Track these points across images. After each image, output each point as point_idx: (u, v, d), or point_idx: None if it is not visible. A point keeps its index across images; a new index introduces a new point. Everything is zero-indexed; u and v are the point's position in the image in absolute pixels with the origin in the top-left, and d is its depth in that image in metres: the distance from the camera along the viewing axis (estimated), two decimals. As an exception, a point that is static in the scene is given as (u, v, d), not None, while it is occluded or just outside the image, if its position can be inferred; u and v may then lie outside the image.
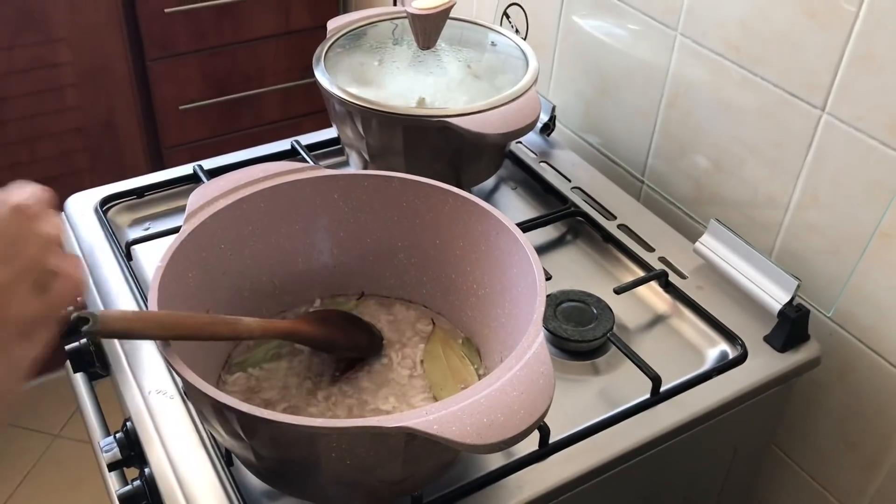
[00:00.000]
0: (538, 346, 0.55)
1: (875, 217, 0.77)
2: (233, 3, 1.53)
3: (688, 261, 0.86)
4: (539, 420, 0.51)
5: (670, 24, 0.92)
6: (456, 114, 0.82)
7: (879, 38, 0.72)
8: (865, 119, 0.75)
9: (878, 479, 0.85)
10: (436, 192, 0.70)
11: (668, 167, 0.99)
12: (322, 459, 0.53)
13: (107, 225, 0.87)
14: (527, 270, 0.63)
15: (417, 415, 0.50)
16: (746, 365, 0.75)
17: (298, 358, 0.70)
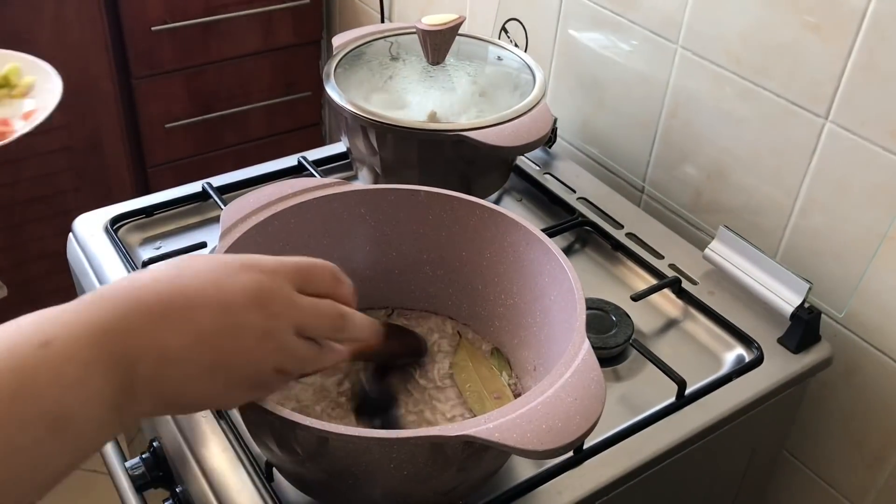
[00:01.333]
0: (586, 353, 0.56)
1: (880, 221, 0.79)
2: (218, 21, 1.53)
3: (697, 267, 0.88)
4: (594, 425, 0.52)
5: (670, 37, 0.95)
6: (471, 127, 0.83)
7: (883, 49, 0.75)
8: (869, 126, 0.78)
9: (883, 476, 0.88)
10: (462, 204, 0.71)
11: (668, 176, 1.02)
12: (379, 471, 0.53)
13: (119, 244, 0.87)
14: (560, 279, 0.64)
15: (477, 423, 0.51)
16: (764, 367, 0.77)
17: (329, 370, 0.70)
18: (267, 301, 0.45)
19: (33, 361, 0.38)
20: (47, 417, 0.38)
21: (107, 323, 0.41)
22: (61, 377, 0.38)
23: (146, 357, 0.42)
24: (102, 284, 0.84)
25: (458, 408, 0.68)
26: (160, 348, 0.42)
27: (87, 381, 0.39)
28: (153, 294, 0.43)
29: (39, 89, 0.96)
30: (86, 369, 0.39)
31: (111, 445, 0.80)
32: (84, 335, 0.40)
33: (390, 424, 0.66)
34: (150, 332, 0.42)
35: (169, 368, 0.43)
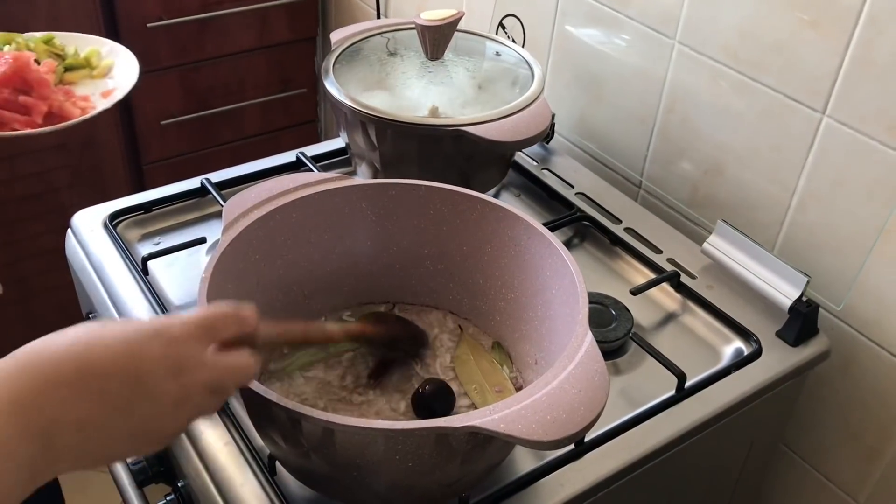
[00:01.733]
0: (589, 345, 0.56)
1: (878, 215, 0.80)
2: (214, 18, 1.52)
3: (695, 261, 0.89)
4: (598, 415, 0.52)
5: (668, 32, 0.95)
6: (470, 122, 0.83)
7: (880, 44, 0.76)
8: (867, 121, 0.79)
9: (879, 468, 0.88)
10: (463, 199, 0.71)
11: (665, 171, 1.02)
12: (384, 462, 0.53)
13: (118, 240, 0.87)
14: (562, 273, 0.65)
15: (482, 414, 0.51)
16: (762, 360, 0.78)
17: (331, 364, 0.70)
18: (180, 369, 0.47)
19: None
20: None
21: (24, 398, 0.42)
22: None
23: (65, 428, 0.43)
24: (102, 280, 0.84)
25: (461, 398, 0.68)
26: (78, 420, 0.43)
27: (6, 454, 0.40)
28: (69, 365, 0.44)
29: (118, 70, 1.02)
30: (5, 443, 0.40)
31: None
32: (2, 409, 0.41)
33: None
34: (67, 405, 0.43)
35: (89, 436, 0.44)
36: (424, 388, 0.66)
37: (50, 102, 0.91)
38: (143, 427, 0.46)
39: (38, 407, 0.42)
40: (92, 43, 1.05)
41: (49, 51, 1.00)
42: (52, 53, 1.01)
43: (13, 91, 0.90)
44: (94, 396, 0.44)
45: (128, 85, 0.99)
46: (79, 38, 1.05)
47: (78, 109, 0.94)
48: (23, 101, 0.90)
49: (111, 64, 1.03)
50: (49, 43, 1.01)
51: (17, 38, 0.99)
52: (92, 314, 0.87)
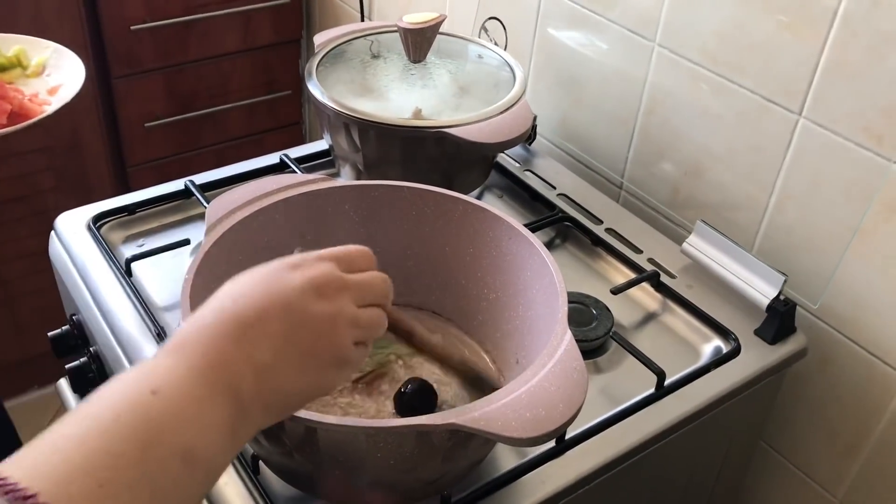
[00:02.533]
0: (568, 343, 0.57)
1: (853, 215, 0.81)
2: (198, 20, 1.52)
3: (675, 261, 0.90)
4: (577, 412, 0.53)
5: (648, 35, 0.96)
6: (453, 124, 0.84)
7: (854, 46, 0.77)
8: (842, 122, 0.80)
9: (857, 464, 0.90)
10: (446, 200, 0.72)
11: (646, 172, 1.03)
12: (366, 460, 0.54)
13: (102, 242, 0.87)
14: (543, 272, 0.66)
15: (462, 412, 0.52)
16: (741, 358, 0.79)
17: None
18: (322, 288, 0.50)
19: (154, 408, 0.41)
20: (179, 455, 0.40)
21: (202, 361, 0.44)
22: (181, 417, 0.42)
23: (245, 377, 0.45)
24: (86, 282, 0.84)
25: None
26: (253, 365, 0.46)
27: (204, 415, 0.43)
28: (229, 323, 0.46)
29: (54, 66, 1.00)
30: (200, 405, 0.43)
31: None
32: (187, 378, 0.43)
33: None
34: (239, 356, 0.46)
35: (266, 378, 0.46)
36: (406, 387, 0.67)
37: (10, 101, 0.91)
38: (311, 352, 0.48)
39: (217, 365, 0.44)
40: (15, 42, 1.03)
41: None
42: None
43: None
44: (258, 340, 0.46)
45: (77, 79, 0.98)
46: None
47: (37, 107, 0.93)
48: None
49: (44, 61, 1.02)
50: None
51: None
52: (75, 316, 0.88)
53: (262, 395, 0.46)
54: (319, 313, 0.49)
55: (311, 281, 0.49)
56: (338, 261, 0.52)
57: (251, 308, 0.47)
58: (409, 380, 0.68)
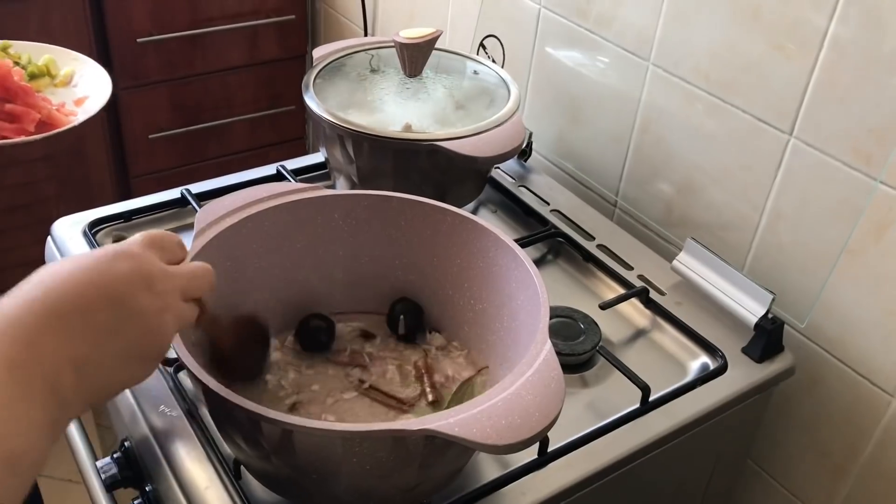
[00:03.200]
0: (547, 353, 0.57)
1: (841, 234, 0.82)
2: (203, 34, 1.55)
3: (665, 278, 0.90)
4: (553, 422, 0.53)
5: (642, 54, 0.97)
6: (445, 138, 0.85)
7: (842, 68, 0.78)
8: (831, 142, 0.81)
9: (846, 485, 0.90)
10: (434, 210, 0.73)
11: (640, 190, 1.04)
12: (343, 465, 0.54)
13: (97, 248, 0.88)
14: (527, 283, 0.66)
15: (439, 418, 0.52)
16: (727, 375, 0.79)
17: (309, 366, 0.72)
18: (150, 280, 0.48)
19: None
20: (1, 462, 0.39)
21: (17, 355, 0.42)
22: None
23: (63, 370, 0.43)
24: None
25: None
26: (72, 358, 0.44)
27: (21, 415, 0.41)
28: (44, 315, 0.43)
29: (81, 78, 1.02)
30: (17, 407, 0.40)
31: (83, 445, 0.81)
32: (1, 375, 0.41)
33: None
34: (58, 348, 0.43)
35: (88, 371, 0.44)
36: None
37: (39, 110, 0.92)
38: (137, 346, 0.47)
39: (32, 360, 0.42)
40: (45, 51, 1.04)
41: (9, 58, 1.00)
42: (12, 61, 1.00)
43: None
44: (79, 331, 0.44)
45: (103, 92, 0.99)
46: (30, 45, 1.05)
47: (64, 117, 0.94)
48: (10, 109, 0.90)
49: (71, 72, 1.03)
50: (5, 50, 1.01)
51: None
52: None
53: (83, 390, 0.44)
54: (149, 308, 0.47)
55: (141, 272, 0.47)
56: (156, 246, 0.51)
57: (71, 298, 0.44)
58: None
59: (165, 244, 0.52)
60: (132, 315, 0.46)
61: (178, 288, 0.51)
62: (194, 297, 0.53)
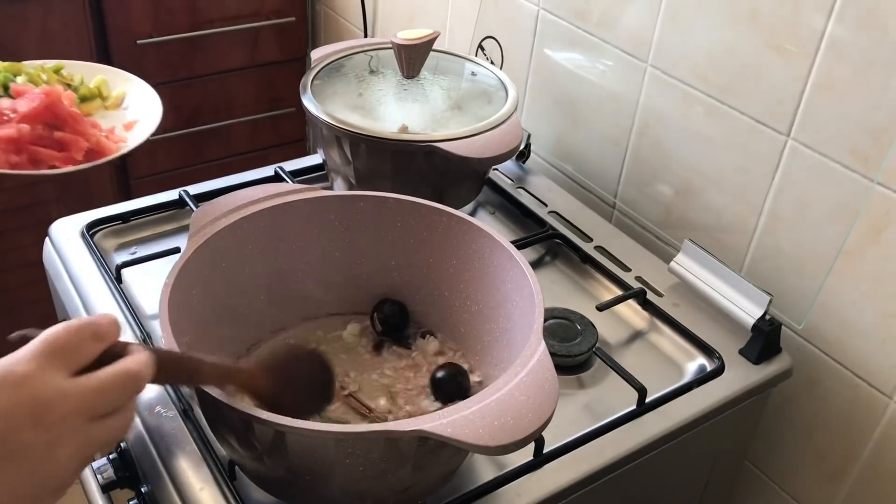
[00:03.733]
0: (541, 354, 0.57)
1: (839, 236, 0.81)
2: (203, 36, 1.55)
3: (663, 279, 0.90)
4: (546, 423, 0.53)
5: (641, 56, 0.97)
6: (442, 139, 0.85)
7: (840, 70, 0.78)
8: (829, 144, 0.80)
9: (845, 488, 0.89)
10: (430, 211, 0.73)
11: (638, 192, 1.04)
12: (336, 466, 0.54)
13: (94, 249, 0.88)
14: (522, 284, 0.66)
15: (431, 419, 0.52)
16: (724, 377, 0.79)
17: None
18: (39, 410, 0.41)
19: None
20: None
21: None
22: None
23: None
24: (76, 288, 0.85)
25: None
26: None
27: None
28: None
29: (132, 100, 0.97)
30: None
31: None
32: None
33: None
34: None
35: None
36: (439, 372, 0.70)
37: (88, 138, 0.85)
38: (23, 487, 0.41)
39: None
40: (98, 72, 0.99)
41: (60, 81, 0.94)
42: (63, 84, 0.94)
43: (46, 126, 0.83)
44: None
45: (153, 117, 0.93)
46: (83, 66, 0.99)
47: (113, 144, 0.87)
48: (59, 137, 0.83)
49: (123, 94, 0.97)
50: (58, 72, 0.95)
51: (26, 69, 0.92)
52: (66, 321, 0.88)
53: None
54: (34, 444, 0.40)
55: (26, 403, 0.40)
56: (56, 356, 0.42)
57: None
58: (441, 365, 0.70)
59: (69, 349, 0.43)
60: (13, 455, 0.40)
61: (80, 410, 0.42)
62: (111, 414, 0.44)
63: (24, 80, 0.88)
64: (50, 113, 0.83)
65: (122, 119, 0.93)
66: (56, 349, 0.43)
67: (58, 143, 0.83)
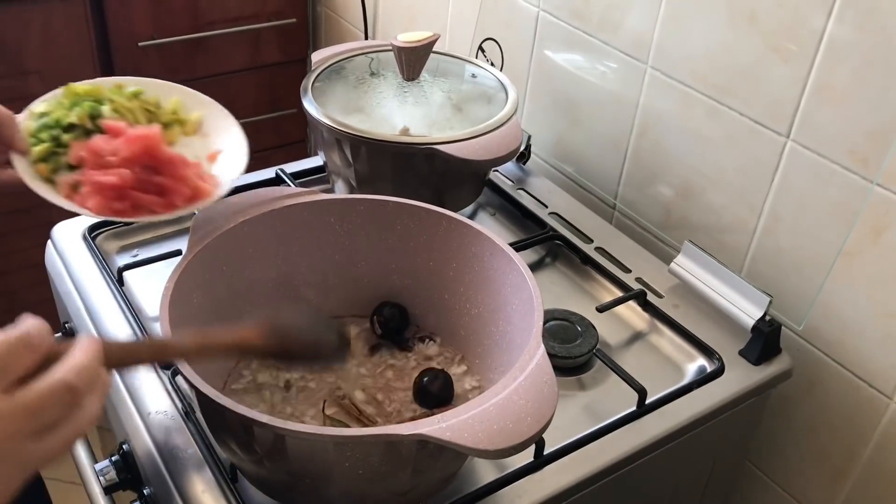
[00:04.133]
0: (540, 358, 0.57)
1: (838, 237, 0.82)
2: (205, 38, 1.55)
3: (663, 281, 0.90)
4: (545, 426, 0.54)
5: (640, 57, 0.97)
6: (442, 141, 0.85)
7: (839, 71, 0.78)
8: (828, 145, 0.80)
9: (846, 488, 0.89)
10: (429, 215, 0.73)
11: (638, 194, 1.04)
12: (335, 469, 0.55)
13: (96, 252, 0.88)
14: (521, 287, 0.66)
15: (431, 423, 0.52)
16: (724, 377, 0.79)
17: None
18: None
19: None
20: None
21: None
22: None
23: None
24: (78, 291, 0.86)
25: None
26: None
27: None
28: None
29: (208, 124, 0.84)
30: None
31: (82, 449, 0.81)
32: None
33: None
34: None
35: None
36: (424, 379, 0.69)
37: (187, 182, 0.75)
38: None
39: None
40: (170, 91, 0.85)
41: (142, 106, 0.81)
42: (145, 110, 0.81)
43: (144, 169, 0.75)
44: None
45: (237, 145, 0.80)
46: (156, 85, 0.85)
47: (210, 187, 0.76)
48: (159, 182, 0.75)
49: (200, 118, 0.84)
50: (138, 97, 0.82)
51: (106, 94, 0.79)
52: (68, 324, 0.89)
53: None
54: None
55: None
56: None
57: None
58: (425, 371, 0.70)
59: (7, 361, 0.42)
60: None
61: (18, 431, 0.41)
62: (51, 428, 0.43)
63: (109, 110, 0.76)
64: (150, 156, 0.75)
65: (203, 147, 0.81)
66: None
67: (158, 187, 0.75)
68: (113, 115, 0.75)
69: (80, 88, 0.78)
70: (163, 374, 0.75)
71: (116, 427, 0.79)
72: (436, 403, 0.68)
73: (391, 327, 0.75)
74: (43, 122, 0.74)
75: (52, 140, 0.73)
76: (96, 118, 0.74)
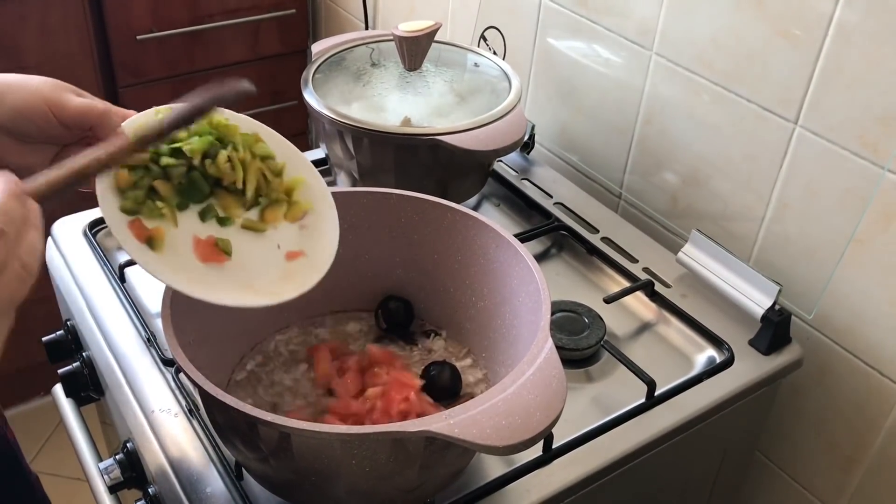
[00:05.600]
0: (548, 351, 0.56)
1: (849, 224, 0.80)
2: (204, 30, 1.54)
3: (670, 270, 0.89)
4: (555, 421, 0.53)
5: (645, 44, 0.96)
6: (446, 132, 0.84)
7: (848, 55, 0.76)
8: (837, 131, 0.79)
9: (857, 477, 0.89)
10: (434, 207, 0.72)
11: (644, 182, 1.03)
12: (342, 467, 0.54)
13: (97, 248, 0.87)
14: (528, 280, 0.65)
15: (438, 419, 0.51)
16: (734, 368, 0.78)
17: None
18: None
19: None
20: None
21: None
22: None
23: None
24: (80, 288, 0.85)
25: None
26: None
27: None
28: None
29: (311, 218, 0.64)
30: None
31: (86, 447, 0.81)
32: None
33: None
34: None
35: None
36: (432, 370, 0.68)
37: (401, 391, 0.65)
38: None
39: None
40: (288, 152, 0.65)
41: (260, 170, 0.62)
42: (266, 171, 0.63)
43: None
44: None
45: (325, 254, 0.63)
46: (283, 146, 0.65)
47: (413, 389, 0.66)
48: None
49: (310, 206, 0.64)
50: (266, 161, 0.63)
51: (237, 138, 0.62)
52: (70, 321, 0.88)
53: None
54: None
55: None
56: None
57: None
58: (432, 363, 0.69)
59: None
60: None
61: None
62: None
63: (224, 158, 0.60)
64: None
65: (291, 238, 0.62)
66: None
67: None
68: (223, 164, 0.60)
69: (219, 119, 0.63)
70: (166, 371, 0.74)
71: (119, 425, 0.78)
72: (443, 395, 0.67)
73: (396, 321, 0.74)
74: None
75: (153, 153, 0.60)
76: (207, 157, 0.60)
